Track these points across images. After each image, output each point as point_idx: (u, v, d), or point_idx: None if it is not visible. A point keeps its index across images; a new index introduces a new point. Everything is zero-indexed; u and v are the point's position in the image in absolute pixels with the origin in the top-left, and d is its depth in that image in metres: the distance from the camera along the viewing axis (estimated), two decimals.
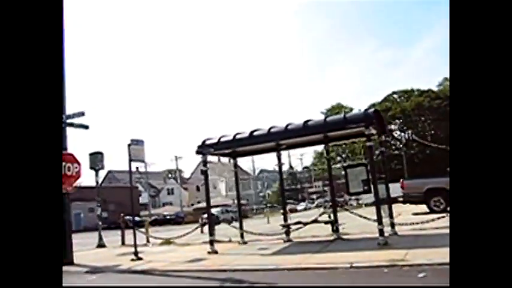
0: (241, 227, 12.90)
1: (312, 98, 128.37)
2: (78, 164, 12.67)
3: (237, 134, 11.20)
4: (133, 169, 76.37)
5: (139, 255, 11.44)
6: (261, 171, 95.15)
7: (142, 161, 12.16)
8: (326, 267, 7.65)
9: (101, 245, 18.00)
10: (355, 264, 7.54)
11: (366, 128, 9.55)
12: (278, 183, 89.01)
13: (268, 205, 71.10)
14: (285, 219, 11.95)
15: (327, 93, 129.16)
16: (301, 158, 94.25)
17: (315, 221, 11.61)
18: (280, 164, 12.35)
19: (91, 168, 18.31)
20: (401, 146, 55.08)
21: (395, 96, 54.98)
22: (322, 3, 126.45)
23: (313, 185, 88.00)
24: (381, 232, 9.48)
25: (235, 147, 11.27)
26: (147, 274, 9.18)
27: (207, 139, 11.44)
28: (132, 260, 11.15)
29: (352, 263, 7.62)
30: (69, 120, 12.51)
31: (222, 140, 11.22)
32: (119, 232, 35.61)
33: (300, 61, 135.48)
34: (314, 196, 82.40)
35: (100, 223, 19.15)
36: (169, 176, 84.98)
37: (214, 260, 9.77)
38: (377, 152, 12.29)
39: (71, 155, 12.53)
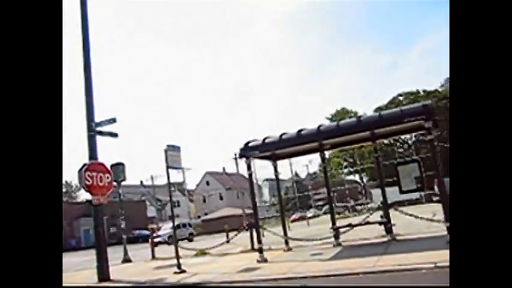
0: (285, 234, 12.27)
1: (310, 105, 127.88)
2: (110, 174, 12.05)
3: (283, 134, 10.60)
4: (138, 183, 75.67)
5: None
6: (265, 180, 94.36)
7: (180, 168, 11.52)
8: (408, 269, 7.02)
9: (126, 259, 17.24)
10: (439, 264, 6.91)
11: (425, 121, 8.98)
12: (283, 192, 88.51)
13: (279, 213, 70.26)
14: (334, 223, 11.28)
15: (324, 100, 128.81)
16: (307, 165, 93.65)
17: (368, 223, 10.97)
18: (324, 165, 11.75)
19: (114, 180, 17.62)
20: (410, 148, 54.60)
21: (400, 98, 54.53)
22: (315, 9, 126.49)
23: (319, 192, 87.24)
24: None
25: (281, 147, 10.62)
26: (203, 287, 8.51)
27: (250, 141, 10.83)
28: (175, 273, 10.46)
29: (436, 262, 6.99)
30: (98, 128, 11.90)
31: (266, 141, 10.60)
32: (133, 247, 34.56)
33: (295, 68, 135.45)
34: (319, 203, 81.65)
35: (124, 237, 18.36)
36: (173, 188, 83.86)
37: (271, 269, 9.10)
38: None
39: (102, 164, 11.93)
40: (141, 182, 74.26)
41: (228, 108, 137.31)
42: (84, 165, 11.41)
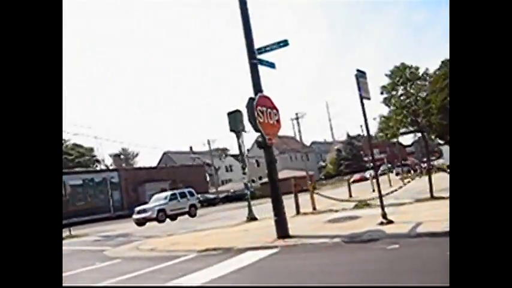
0: None
1: (344, 67, 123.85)
2: (277, 110, 10.07)
3: None
4: (188, 149, 74.85)
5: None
6: (313, 142, 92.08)
7: (368, 98, 9.38)
8: None
9: (252, 218, 15.62)
10: None
11: None
12: (334, 153, 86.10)
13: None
14: None
15: (358, 62, 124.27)
16: (361, 125, 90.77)
17: None
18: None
19: (231, 130, 15.82)
20: None
21: None
22: None
23: (367, 154, 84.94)
24: None
25: None
26: None
27: None
28: (382, 223, 8.56)
29: None
30: (260, 56, 9.86)
31: None
32: (209, 210, 33.08)
33: (326, 32, 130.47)
34: (371, 164, 79.64)
35: (248, 192, 16.62)
36: (222, 155, 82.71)
37: None
38: None
39: (269, 98, 9.93)
40: (191, 148, 73.49)
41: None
42: (252, 99, 9.46)
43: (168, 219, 25.75)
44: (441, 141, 55.93)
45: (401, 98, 57.81)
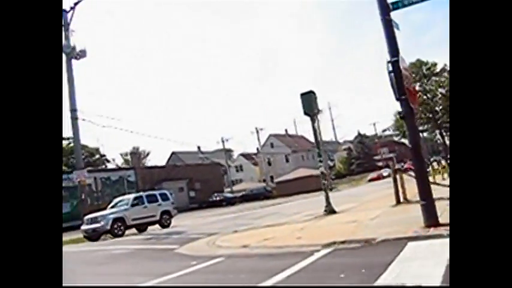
0: None
1: (343, 67, 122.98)
2: (410, 77, 8.48)
3: None
4: (195, 149, 73.17)
5: None
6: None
7: None
8: None
9: (331, 210, 14.04)
10: None
11: None
12: (344, 153, 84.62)
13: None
14: None
15: (358, 62, 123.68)
16: (374, 123, 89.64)
17: None
18: None
19: (306, 113, 14.29)
20: None
21: None
22: None
23: (379, 152, 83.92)
24: None
25: None
26: None
27: None
28: None
29: None
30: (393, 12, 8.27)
31: None
32: (239, 207, 31.17)
33: (325, 32, 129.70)
34: (380, 163, 78.79)
35: (326, 182, 15.06)
36: (229, 155, 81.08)
37: None
38: None
39: (405, 62, 8.31)
40: (199, 148, 71.78)
41: (259, 76, 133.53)
42: (391, 61, 7.85)
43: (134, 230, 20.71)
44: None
45: (418, 94, 56.94)
